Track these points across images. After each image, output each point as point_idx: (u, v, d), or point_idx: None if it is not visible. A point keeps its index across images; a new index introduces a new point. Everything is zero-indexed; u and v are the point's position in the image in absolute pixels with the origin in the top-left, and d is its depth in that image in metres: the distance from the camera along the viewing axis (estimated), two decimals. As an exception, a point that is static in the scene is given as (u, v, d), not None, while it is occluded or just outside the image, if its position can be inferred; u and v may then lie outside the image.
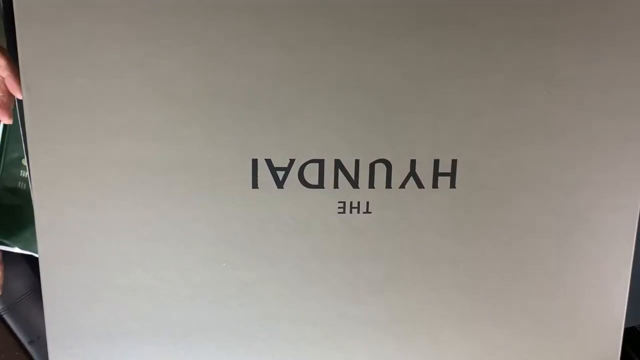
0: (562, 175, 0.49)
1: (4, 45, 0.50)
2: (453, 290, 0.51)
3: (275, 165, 0.47)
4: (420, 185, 0.48)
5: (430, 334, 0.52)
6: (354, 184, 0.48)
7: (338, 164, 0.47)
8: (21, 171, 0.58)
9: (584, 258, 0.51)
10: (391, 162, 0.47)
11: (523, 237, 0.50)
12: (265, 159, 0.47)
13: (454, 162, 0.48)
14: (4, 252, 0.59)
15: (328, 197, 0.48)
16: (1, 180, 0.58)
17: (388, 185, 0.48)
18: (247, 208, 0.48)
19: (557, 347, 0.53)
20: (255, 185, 0.47)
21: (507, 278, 0.51)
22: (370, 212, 0.48)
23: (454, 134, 0.47)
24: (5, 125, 0.56)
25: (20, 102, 0.46)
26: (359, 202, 0.48)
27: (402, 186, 0.48)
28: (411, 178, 0.48)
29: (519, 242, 0.50)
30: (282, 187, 0.47)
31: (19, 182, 0.59)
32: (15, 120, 0.55)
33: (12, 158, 0.58)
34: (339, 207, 0.48)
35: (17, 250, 0.60)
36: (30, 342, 0.67)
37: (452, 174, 0.48)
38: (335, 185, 0.48)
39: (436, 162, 0.47)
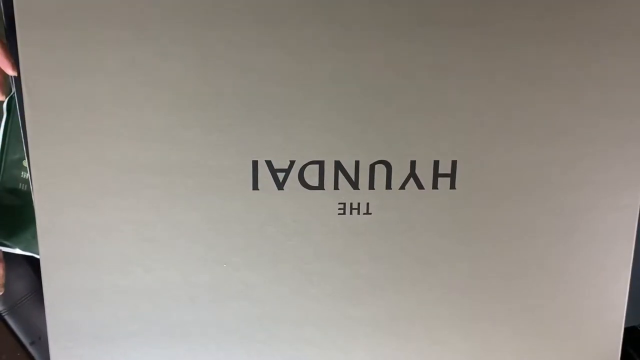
0: (562, 175, 0.49)
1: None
2: (453, 290, 0.51)
3: (276, 166, 0.47)
4: (420, 186, 0.48)
5: (430, 334, 0.52)
6: (354, 185, 0.48)
7: (338, 165, 0.47)
8: (22, 172, 0.58)
9: (584, 258, 0.51)
10: (391, 163, 0.47)
11: (523, 237, 0.50)
12: (266, 161, 0.47)
13: (454, 162, 0.48)
14: (5, 253, 0.59)
15: (328, 198, 0.48)
16: (2, 182, 0.58)
17: (388, 186, 0.48)
18: (248, 209, 0.48)
19: (557, 347, 0.53)
20: (255, 186, 0.47)
21: (507, 278, 0.51)
22: (371, 213, 0.48)
23: (454, 134, 0.47)
24: (6, 127, 0.56)
25: (21, 103, 0.46)
26: (359, 203, 0.48)
27: (402, 187, 0.48)
28: (411, 179, 0.48)
29: (519, 242, 0.50)
30: (283, 189, 0.47)
31: (20, 184, 0.59)
32: (15, 122, 0.55)
33: (12, 159, 0.58)
34: (339, 208, 0.48)
35: (18, 251, 0.60)
36: (32, 343, 0.67)
37: (452, 175, 0.48)
38: (336, 187, 0.48)
39: (436, 163, 0.47)
